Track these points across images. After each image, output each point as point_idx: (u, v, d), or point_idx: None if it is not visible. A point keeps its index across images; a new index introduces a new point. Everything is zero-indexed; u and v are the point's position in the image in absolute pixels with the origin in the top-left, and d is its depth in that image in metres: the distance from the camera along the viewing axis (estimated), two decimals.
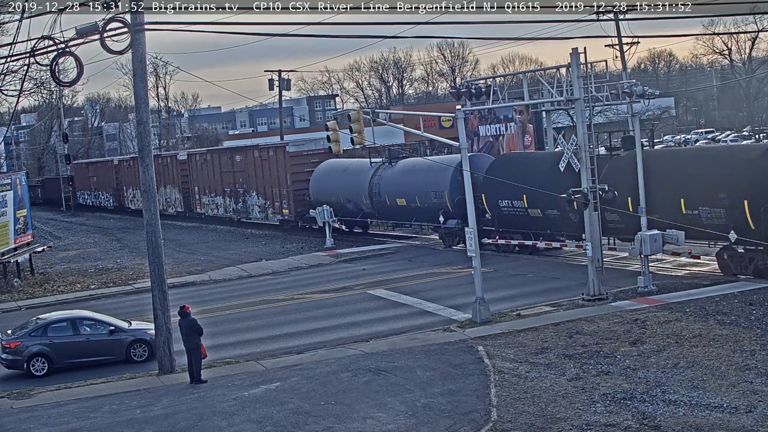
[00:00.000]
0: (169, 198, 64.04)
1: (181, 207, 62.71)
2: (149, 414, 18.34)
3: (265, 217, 51.83)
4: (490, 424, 15.89)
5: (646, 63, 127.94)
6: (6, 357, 23.22)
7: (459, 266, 33.48)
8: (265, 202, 51.27)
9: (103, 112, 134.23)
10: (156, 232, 22.02)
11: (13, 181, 40.22)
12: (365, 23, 57.48)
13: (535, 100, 30.02)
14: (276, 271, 37.62)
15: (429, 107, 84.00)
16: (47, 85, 46.00)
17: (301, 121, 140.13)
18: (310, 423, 16.76)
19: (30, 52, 21.00)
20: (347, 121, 25.55)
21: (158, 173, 62.53)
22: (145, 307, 26.66)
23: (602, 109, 56.54)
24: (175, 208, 63.57)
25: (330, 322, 26.61)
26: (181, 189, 62.19)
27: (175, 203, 63.60)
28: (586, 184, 25.87)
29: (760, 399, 15.95)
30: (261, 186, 51.46)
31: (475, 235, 24.65)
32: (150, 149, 22.43)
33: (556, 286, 28.70)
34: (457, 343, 22.01)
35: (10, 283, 37.73)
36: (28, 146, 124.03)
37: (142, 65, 21.72)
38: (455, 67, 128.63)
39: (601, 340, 20.93)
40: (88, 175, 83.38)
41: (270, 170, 50.17)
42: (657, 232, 26.74)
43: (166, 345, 21.91)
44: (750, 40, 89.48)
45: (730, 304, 23.31)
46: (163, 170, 63.00)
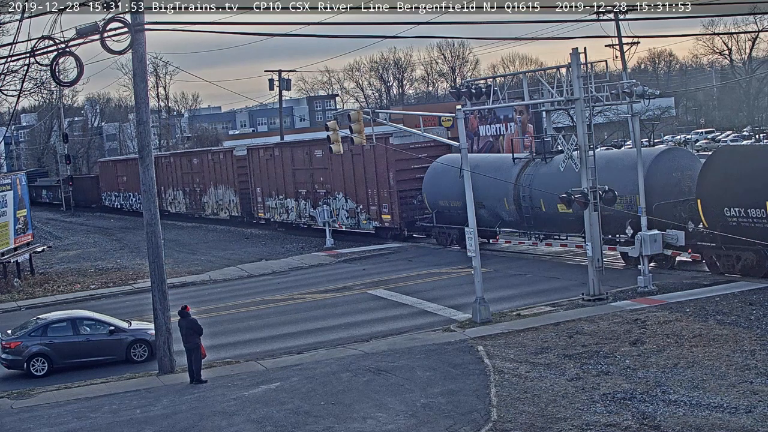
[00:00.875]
0: (221, 200, 57.22)
1: (237, 211, 55.37)
2: (149, 414, 18.34)
3: (355, 224, 43.96)
4: (490, 424, 15.89)
5: (646, 63, 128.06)
6: (6, 357, 23.23)
7: (459, 266, 33.48)
8: (356, 206, 43.62)
9: (103, 112, 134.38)
10: (156, 232, 22.02)
11: (13, 181, 40.23)
12: (365, 23, 57.60)
13: (535, 100, 30.00)
14: (276, 271, 37.63)
15: (429, 107, 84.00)
16: (47, 85, 46.00)
17: (301, 121, 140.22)
18: (310, 423, 16.76)
19: (30, 52, 21.00)
20: (347, 121, 25.56)
21: (209, 171, 58.30)
22: (145, 307, 26.66)
23: (602, 109, 56.52)
24: (229, 212, 56.67)
25: (330, 322, 26.61)
26: (237, 190, 54.80)
27: (229, 206, 56.34)
28: (585, 184, 25.87)
29: (760, 399, 15.95)
30: (350, 187, 43.61)
31: (475, 235, 24.64)
32: (150, 149, 22.43)
33: (556, 286, 28.69)
34: (457, 343, 22.01)
35: (10, 283, 37.74)
36: (28, 146, 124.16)
37: (142, 65, 21.73)
38: (455, 67, 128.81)
39: (601, 340, 20.93)
40: (116, 175, 75.71)
41: (365, 167, 41.94)
42: (657, 232, 26.75)
43: (166, 345, 21.91)
44: (750, 40, 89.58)
45: (730, 304, 23.30)
46: (213, 168, 57.47)
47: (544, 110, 34.28)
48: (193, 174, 61.28)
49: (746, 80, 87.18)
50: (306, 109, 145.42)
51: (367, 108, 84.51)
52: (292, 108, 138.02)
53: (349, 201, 44.04)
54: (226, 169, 56.00)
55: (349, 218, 44.14)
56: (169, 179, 64.79)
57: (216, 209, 58.06)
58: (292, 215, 48.82)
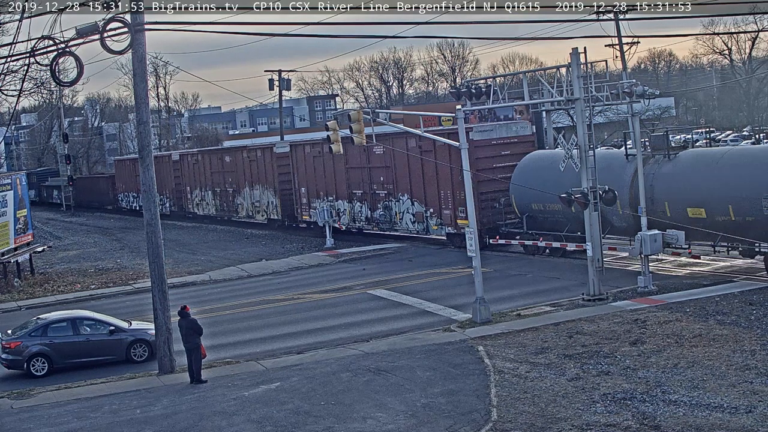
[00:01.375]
0: (257, 202, 52.75)
1: (276, 213, 50.73)
2: (149, 414, 18.34)
3: (423, 229, 39.57)
4: (490, 424, 15.89)
5: (646, 63, 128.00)
6: (6, 357, 23.23)
7: (459, 266, 33.47)
8: (423, 210, 39.35)
9: (103, 112, 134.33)
10: (156, 232, 22.02)
11: (13, 181, 40.24)
12: (365, 23, 57.37)
13: (535, 100, 30.00)
14: (276, 271, 37.63)
15: (429, 107, 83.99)
16: (47, 85, 46.00)
17: (301, 121, 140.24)
18: (310, 423, 16.76)
19: (30, 52, 21.01)
20: (347, 121, 25.56)
21: (244, 170, 53.68)
22: (145, 307, 26.66)
23: (602, 109, 56.52)
24: (267, 215, 52.04)
25: (330, 322, 26.61)
26: (278, 191, 50.37)
27: (267, 208, 51.77)
28: (585, 184, 25.87)
29: (760, 399, 15.95)
30: (417, 187, 39.46)
31: (475, 234, 24.64)
32: (150, 149, 22.44)
33: (556, 286, 28.69)
34: (457, 343, 22.01)
35: (10, 283, 37.74)
36: (28, 146, 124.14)
37: (142, 65, 21.73)
38: (455, 67, 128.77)
39: (601, 340, 20.93)
40: (135, 174, 67.00)
41: (437, 165, 37.38)
42: (657, 232, 26.74)
43: (166, 345, 21.91)
44: (750, 40, 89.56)
45: (730, 304, 23.31)
46: (249, 166, 52.93)
47: (544, 110, 34.33)
48: (225, 173, 56.56)
49: (746, 80, 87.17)
50: (306, 109, 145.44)
51: (367, 108, 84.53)
52: (292, 108, 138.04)
53: (415, 204, 39.91)
54: (264, 168, 51.53)
55: (416, 223, 39.99)
56: (197, 178, 60.25)
57: (252, 211, 53.60)
58: (345, 218, 44.57)
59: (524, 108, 41.53)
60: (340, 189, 44.65)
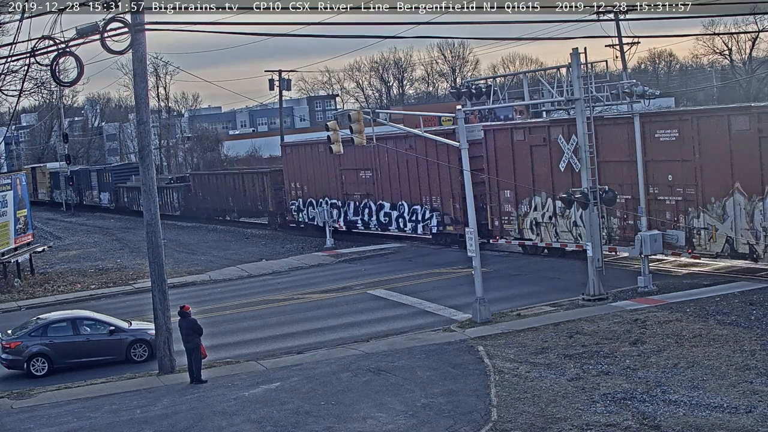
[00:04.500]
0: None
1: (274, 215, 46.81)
2: (149, 414, 18.34)
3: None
4: (490, 424, 15.89)
5: (646, 63, 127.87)
6: (6, 357, 23.23)
7: (459, 266, 33.47)
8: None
9: (104, 112, 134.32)
10: (156, 232, 22.02)
11: (13, 181, 40.24)
12: (365, 23, 57.29)
13: (535, 100, 30.02)
14: (276, 271, 37.63)
15: (429, 107, 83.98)
16: (47, 85, 45.91)
17: (302, 121, 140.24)
18: (310, 423, 16.76)
19: (30, 52, 21.01)
20: (347, 121, 25.56)
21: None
22: (145, 307, 26.66)
23: (602, 109, 56.43)
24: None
25: (330, 322, 26.61)
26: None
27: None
28: (586, 184, 25.87)
29: (760, 399, 15.95)
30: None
31: (475, 234, 24.63)
32: (150, 149, 22.47)
33: (556, 286, 28.68)
34: (457, 343, 22.01)
35: (10, 283, 37.74)
36: (28, 146, 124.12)
37: (142, 65, 21.73)
38: (455, 67, 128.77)
39: (601, 340, 20.93)
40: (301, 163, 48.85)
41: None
42: (657, 232, 26.74)
43: (166, 345, 21.92)
44: (750, 40, 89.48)
45: (730, 304, 23.30)
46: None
47: (545, 110, 34.33)
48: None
49: (746, 80, 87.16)
50: (306, 109, 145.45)
51: (367, 108, 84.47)
52: (292, 108, 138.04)
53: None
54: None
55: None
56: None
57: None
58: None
59: (524, 108, 41.50)
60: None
